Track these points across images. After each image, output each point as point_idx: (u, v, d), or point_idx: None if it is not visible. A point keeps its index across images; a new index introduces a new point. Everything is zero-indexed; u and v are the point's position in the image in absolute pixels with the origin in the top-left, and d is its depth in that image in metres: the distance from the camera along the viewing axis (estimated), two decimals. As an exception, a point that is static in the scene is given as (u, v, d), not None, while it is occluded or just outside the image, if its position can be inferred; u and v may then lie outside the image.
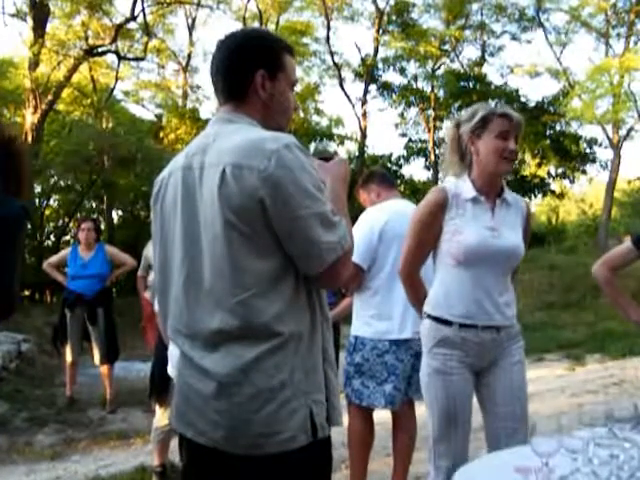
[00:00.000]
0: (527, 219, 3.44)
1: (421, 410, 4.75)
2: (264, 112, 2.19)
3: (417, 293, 3.50)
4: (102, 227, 20.95)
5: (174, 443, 3.47)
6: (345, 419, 4.40)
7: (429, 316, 3.32)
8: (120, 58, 23.73)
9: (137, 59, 25.62)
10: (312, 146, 2.42)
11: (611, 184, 26.36)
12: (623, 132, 26.50)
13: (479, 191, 3.27)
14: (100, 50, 21.47)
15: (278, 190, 1.92)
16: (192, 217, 2.07)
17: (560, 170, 28.98)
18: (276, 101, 2.20)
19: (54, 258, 8.94)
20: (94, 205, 24.51)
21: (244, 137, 2.02)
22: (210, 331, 2.02)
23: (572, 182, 29.55)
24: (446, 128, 3.72)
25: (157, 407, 5.04)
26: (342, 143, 28.83)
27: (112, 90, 25.55)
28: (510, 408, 3.24)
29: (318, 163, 2.21)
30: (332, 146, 2.45)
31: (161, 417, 4.99)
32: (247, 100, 2.18)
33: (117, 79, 25.44)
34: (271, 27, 26.01)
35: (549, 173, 29.08)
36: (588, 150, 28.23)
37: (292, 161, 1.95)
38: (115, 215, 24.54)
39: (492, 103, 3.69)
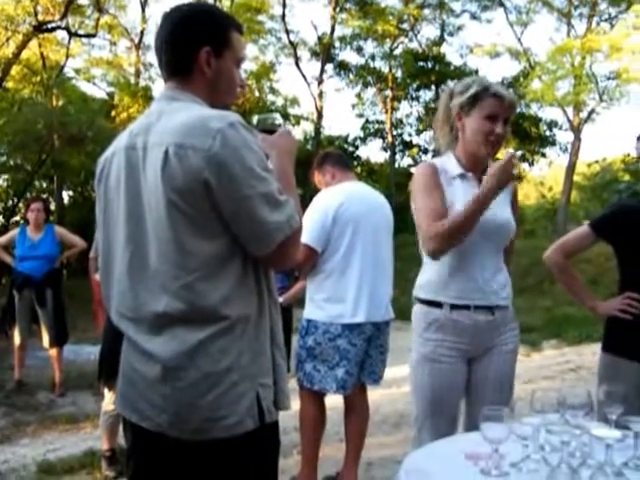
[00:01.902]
0: (514, 196, 3.39)
1: (374, 396, 4.79)
2: (209, 90, 2.16)
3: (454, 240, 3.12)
4: (52, 208, 20.82)
5: None
6: (297, 403, 4.43)
7: (419, 300, 3.25)
8: (71, 34, 23.36)
9: (88, 36, 25.23)
10: (255, 118, 2.36)
11: (571, 167, 26.73)
12: (584, 115, 26.84)
13: (465, 168, 3.21)
14: (50, 26, 21.05)
15: (223, 170, 1.89)
16: (136, 198, 2.04)
17: (519, 152, 29.27)
18: (222, 79, 2.17)
19: (2, 239, 8.81)
20: (44, 185, 24.22)
21: (188, 115, 1.99)
22: (155, 314, 2.00)
23: (531, 165, 29.90)
24: (441, 96, 3.61)
25: (106, 391, 5.00)
26: (298, 123, 28.77)
27: (62, 67, 25.15)
28: (497, 397, 3.11)
29: (262, 137, 2.18)
30: (277, 117, 2.38)
31: (110, 401, 4.96)
32: (191, 77, 2.14)
33: (67, 56, 25.07)
34: (226, 4, 25.75)
35: (508, 155, 29.34)
36: (548, 132, 28.59)
37: (237, 140, 1.92)
38: (65, 195, 24.31)
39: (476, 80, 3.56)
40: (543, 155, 29.19)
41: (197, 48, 2.11)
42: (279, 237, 1.98)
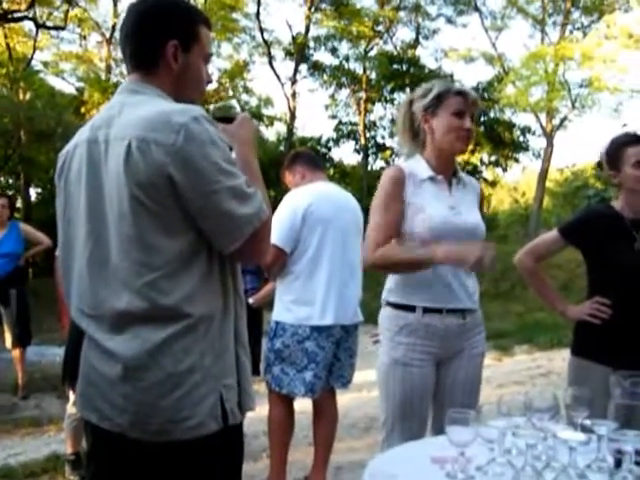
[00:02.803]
0: (481, 200, 3.44)
1: (343, 400, 4.80)
2: (175, 84, 2.15)
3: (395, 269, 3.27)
4: (19, 205, 20.58)
5: None
6: (266, 407, 4.43)
7: (389, 304, 3.26)
8: (38, 26, 23.06)
9: (57, 28, 24.93)
10: (211, 107, 2.34)
11: (543, 173, 26.96)
12: (556, 121, 27.12)
13: (435, 170, 3.23)
14: (16, 16, 20.77)
15: (188, 165, 1.89)
16: (97, 193, 2.02)
17: (493, 158, 29.41)
18: (188, 74, 2.16)
19: None
20: (10, 181, 23.94)
21: (151, 109, 1.97)
22: (116, 312, 1.98)
23: (505, 170, 30.04)
24: (398, 105, 3.65)
25: (71, 393, 4.96)
26: (271, 124, 28.76)
27: (30, 60, 24.85)
28: (465, 401, 3.15)
29: (221, 127, 2.16)
30: (234, 105, 2.36)
31: (74, 403, 4.92)
32: (157, 71, 2.13)
33: (35, 49, 24.78)
34: (200, 1, 25.66)
35: (482, 160, 29.48)
36: (521, 138, 28.72)
37: (201, 135, 1.92)
38: (33, 192, 24.05)
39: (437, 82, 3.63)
40: (516, 160, 29.35)
41: (164, 41, 2.10)
42: (248, 230, 1.97)
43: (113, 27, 27.86)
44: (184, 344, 1.95)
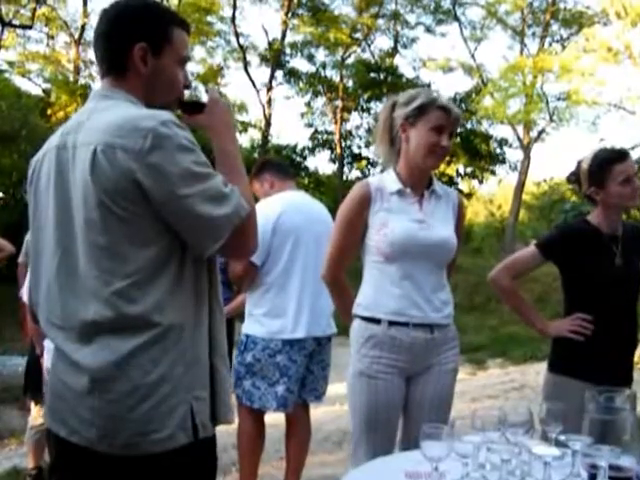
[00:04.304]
0: (459, 211, 3.41)
1: (316, 413, 4.80)
2: (145, 89, 2.12)
3: (344, 298, 3.43)
4: (-20, 209, 20.32)
5: None
6: (236, 420, 4.41)
7: (357, 316, 3.27)
8: (4, 24, 22.87)
9: (23, 27, 24.77)
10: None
11: (520, 186, 27.15)
12: (534, 134, 27.36)
13: (404, 183, 3.23)
14: (-19, 13, 20.64)
15: (157, 172, 1.87)
16: (65, 200, 2.01)
17: (469, 169, 29.58)
18: (160, 77, 2.13)
19: None
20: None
21: (118, 114, 1.96)
22: (84, 323, 1.96)
23: (481, 182, 30.23)
24: (381, 107, 3.66)
25: (32, 405, 4.92)
26: (245, 130, 28.74)
27: (-6, 59, 24.72)
28: (434, 417, 3.11)
29: (191, 120, 2.15)
30: (199, 91, 2.30)
31: (36, 415, 4.88)
32: (126, 75, 2.11)
33: (0, 47, 24.55)
34: (173, 2, 25.61)
35: (457, 172, 29.63)
36: (498, 150, 28.92)
37: (170, 139, 1.90)
38: (-5, 196, 23.78)
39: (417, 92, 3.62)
40: (493, 173, 29.55)
41: (131, 45, 2.08)
42: (227, 230, 1.97)
43: (82, 27, 27.70)
44: (153, 354, 1.94)
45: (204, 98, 2.27)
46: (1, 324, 8.67)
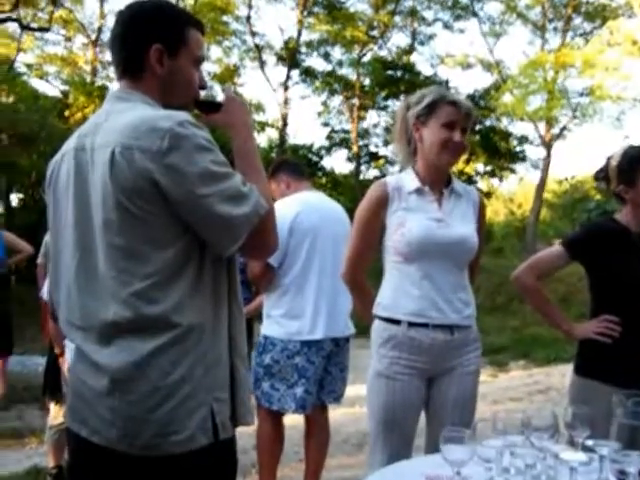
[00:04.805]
0: (481, 210, 3.40)
1: (335, 415, 4.79)
2: (162, 90, 2.15)
3: (364, 298, 3.43)
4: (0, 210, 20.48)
5: None
6: (255, 422, 4.41)
7: (377, 317, 3.27)
8: (23, 27, 23.07)
9: (41, 29, 24.92)
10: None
11: (541, 184, 26.98)
12: (555, 130, 27.15)
13: (423, 181, 3.23)
14: (0, 17, 20.81)
15: (175, 172, 1.89)
16: (84, 202, 2.03)
17: (488, 168, 29.47)
18: (176, 78, 2.16)
19: None
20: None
21: (135, 116, 1.98)
22: (104, 324, 1.98)
23: (501, 181, 30.14)
24: (395, 109, 3.66)
25: (52, 404, 4.96)
26: (262, 130, 28.75)
27: (13, 62, 24.84)
28: (457, 419, 3.11)
29: (208, 119, 2.16)
30: (215, 90, 2.30)
31: (56, 415, 4.92)
32: (143, 77, 2.13)
33: (19, 50, 24.77)
34: (189, 2, 25.70)
35: (477, 171, 29.54)
36: (518, 148, 28.78)
37: (187, 139, 1.91)
38: (14, 198, 23.96)
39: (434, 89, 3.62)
40: (513, 171, 29.41)
41: (147, 46, 2.10)
42: (246, 230, 1.98)
43: (99, 29, 27.92)
44: (172, 355, 1.95)
45: (220, 97, 2.28)
46: (21, 324, 8.74)
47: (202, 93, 2.27)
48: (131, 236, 1.93)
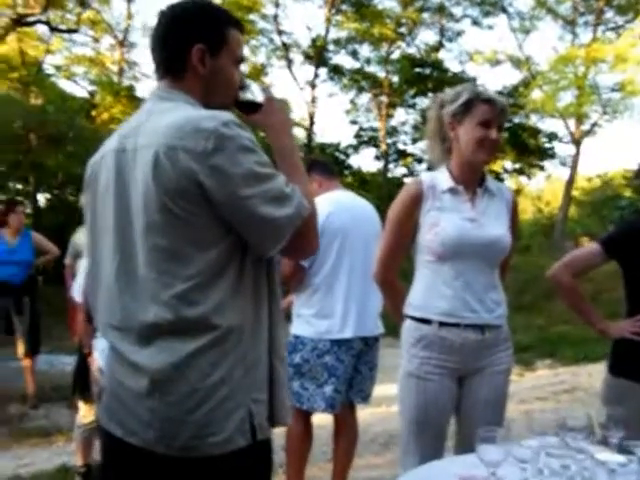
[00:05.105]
0: (514, 209, 3.38)
1: (363, 415, 4.78)
2: (204, 90, 2.14)
3: (395, 298, 3.41)
4: (27, 210, 20.63)
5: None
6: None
7: (408, 317, 3.25)
8: (51, 29, 23.25)
9: (70, 31, 25.07)
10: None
11: (570, 181, 26.77)
12: (585, 127, 26.90)
13: (457, 181, 3.22)
14: (30, 20, 20.97)
15: (219, 173, 1.88)
16: (125, 203, 2.02)
17: (517, 165, 29.29)
18: (217, 78, 2.15)
19: None
20: (19, 187, 24.02)
21: (178, 116, 1.97)
22: (143, 325, 1.98)
23: (529, 178, 29.97)
24: (426, 107, 3.64)
25: (81, 403, 4.99)
26: (290, 129, 28.72)
27: (42, 64, 25.03)
28: (488, 418, 3.09)
29: (248, 119, 2.16)
30: (254, 90, 2.30)
31: (85, 414, 4.95)
32: (185, 76, 2.13)
33: (48, 52, 24.94)
34: (216, 2, 25.74)
35: (505, 168, 29.37)
36: (547, 145, 28.59)
37: (232, 140, 1.90)
38: (42, 198, 24.14)
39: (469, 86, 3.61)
40: (541, 168, 29.26)
41: (190, 46, 2.10)
42: (289, 231, 1.98)
43: (126, 29, 28.14)
44: (212, 357, 1.94)
45: (259, 97, 2.27)
46: (48, 324, 8.81)
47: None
48: (174, 238, 1.92)
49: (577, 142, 26.85)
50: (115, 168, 2.06)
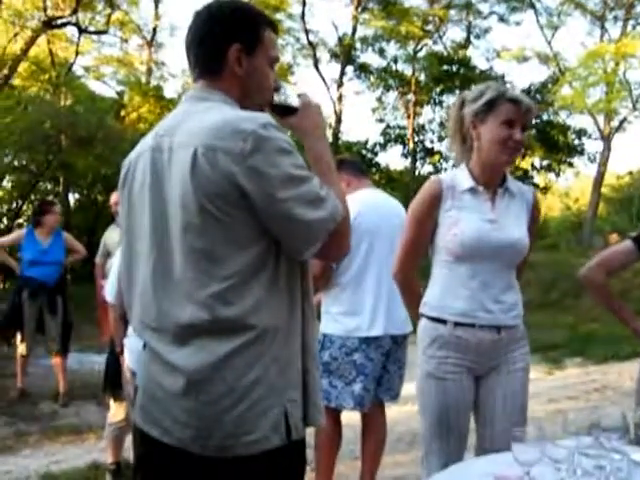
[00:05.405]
0: (534, 210, 3.33)
1: (390, 412, 4.77)
2: (241, 90, 2.14)
3: (414, 296, 3.40)
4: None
5: (130, 440, 3.51)
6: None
7: (424, 316, 3.25)
8: (81, 31, 23.37)
9: (99, 32, 25.22)
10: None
11: (599, 178, 26.54)
12: (615, 123, 26.64)
13: (477, 181, 3.18)
14: (60, 22, 21.10)
15: (257, 175, 1.88)
16: (161, 203, 2.02)
17: (545, 162, 29.10)
18: (254, 78, 2.16)
19: (6, 239, 8.88)
20: (49, 187, 24.23)
21: (217, 116, 1.97)
22: (179, 325, 1.98)
23: (557, 175, 29.73)
24: (450, 105, 3.60)
25: (112, 402, 5.02)
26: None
27: (71, 65, 25.17)
28: (508, 418, 3.13)
29: (283, 122, 2.16)
30: (290, 94, 2.29)
31: (116, 412, 4.99)
32: (222, 76, 2.13)
33: (77, 53, 25.07)
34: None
35: (533, 165, 29.20)
36: (576, 142, 28.38)
37: (270, 142, 1.90)
38: (72, 198, 24.32)
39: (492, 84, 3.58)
40: (570, 165, 29.03)
41: (227, 46, 2.10)
42: (323, 234, 1.98)
43: (154, 30, 28.31)
44: (248, 357, 1.95)
45: (293, 100, 2.26)
46: (77, 323, 8.86)
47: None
48: (211, 238, 1.92)
49: (606, 139, 26.60)
50: (151, 167, 2.06)
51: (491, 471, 2.22)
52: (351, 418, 4.75)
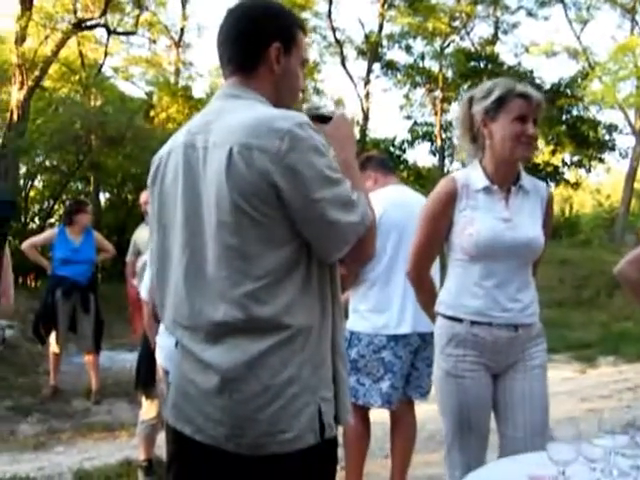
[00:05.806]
0: (548, 206, 3.31)
1: (420, 411, 4.74)
2: (274, 89, 2.14)
3: (428, 294, 3.41)
4: (88, 210, 20.99)
5: (161, 437, 3.54)
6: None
7: (440, 315, 3.24)
8: (110, 32, 23.59)
9: (127, 33, 25.46)
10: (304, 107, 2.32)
11: (631, 174, 26.27)
12: (647, 118, 26.35)
13: (491, 179, 3.16)
14: (89, 24, 21.29)
15: (293, 174, 1.87)
16: (194, 200, 2.02)
17: (576, 158, 28.87)
18: (288, 78, 2.16)
19: (38, 238, 8.97)
20: (80, 187, 24.43)
21: (252, 114, 1.96)
22: (213, 323, 1.98)
23: (588, 171, 29.48)
24: (458, 104, 3.58)
25: (144, 399, 5.05)
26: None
27: (101, 66, 25.45)
28: (528, 417, 3.13)
29: (318, 128, 2.14)
30: (325, 104, 2.31)
31: (148, 410, 5.02)
32: (257, 74, 2.13)
33: (106, 54, 25.32)
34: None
35: (563, 161, 28.99)
36: (607, 137, 28.12)
37: (306, 142, 1.90)
38: (102, 197, 24.49)
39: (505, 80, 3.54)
40: (601, 161, 28.78)
41: (267, 43, 2.10)
42: (353, 239, 1.98)
43: (182, 30, 28.50)
44: (282, 356, 1.95)
45: (327, 111, 2.29)
46: (108, 321, 8.93)
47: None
48: (246, 237, 1.92)
49: (638, 134, 26.32)
50: (184, 164, 2.06)
51: (525, 471, 2.20)
52: (380, 416, 4.73)
